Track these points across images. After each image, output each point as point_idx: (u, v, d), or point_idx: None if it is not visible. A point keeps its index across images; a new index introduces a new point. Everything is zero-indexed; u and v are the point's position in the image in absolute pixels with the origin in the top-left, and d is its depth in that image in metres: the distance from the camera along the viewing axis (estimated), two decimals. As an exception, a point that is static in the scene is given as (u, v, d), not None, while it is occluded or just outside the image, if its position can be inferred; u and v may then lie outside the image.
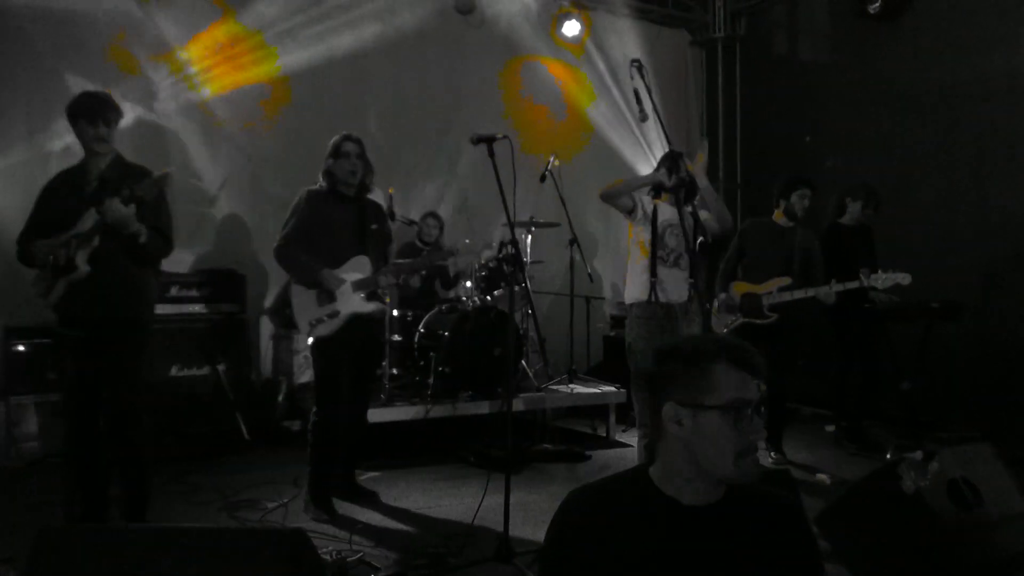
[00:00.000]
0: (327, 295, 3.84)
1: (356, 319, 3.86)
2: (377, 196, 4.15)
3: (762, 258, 4.90)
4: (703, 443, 1.46)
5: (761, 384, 1.47)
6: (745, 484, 1.50)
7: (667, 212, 4.05)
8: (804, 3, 7.19)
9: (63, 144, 4.80)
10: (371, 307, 3.94)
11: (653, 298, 4.02)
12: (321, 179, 3.96)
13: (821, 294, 4.62)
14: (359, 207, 4.00)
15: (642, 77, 3.55)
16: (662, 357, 1.54)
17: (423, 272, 4.50)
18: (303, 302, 3.88)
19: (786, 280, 4.73)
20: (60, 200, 3.33)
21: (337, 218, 3.92)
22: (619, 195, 4.12)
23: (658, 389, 1.53)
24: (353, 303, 3.86)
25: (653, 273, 4.03)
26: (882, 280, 4.46)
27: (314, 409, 3.87)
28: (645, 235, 4.11)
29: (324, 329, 3.82)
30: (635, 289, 4.14)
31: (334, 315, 3.83)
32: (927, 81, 5.92)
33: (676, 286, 4.05)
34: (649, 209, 4.11)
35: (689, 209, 3.99)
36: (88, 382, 3.28)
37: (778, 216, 4.96)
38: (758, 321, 4.71)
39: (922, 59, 5.98)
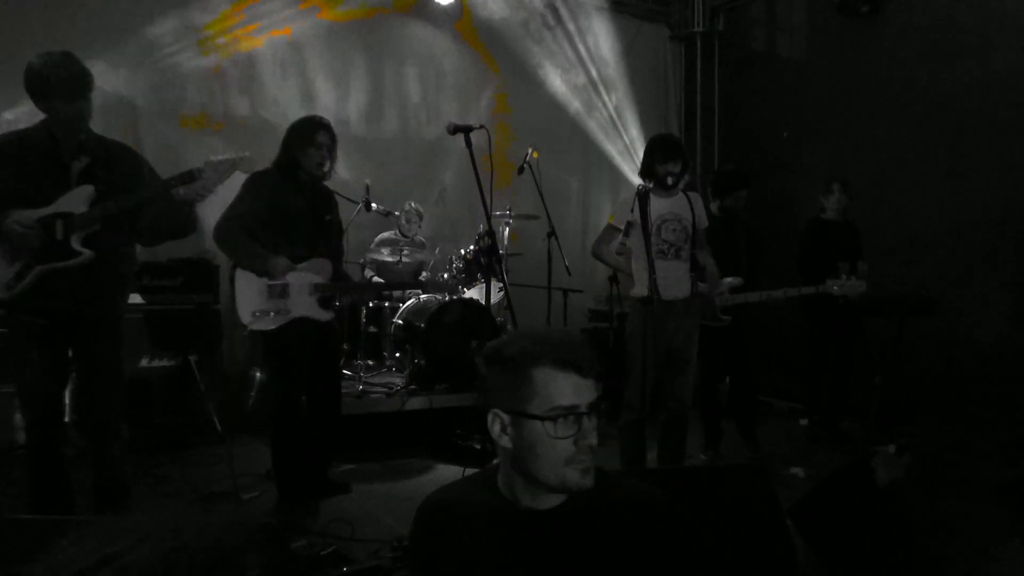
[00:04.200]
0: (279, 290, 3.62)
1: (306, 322, 3.69)
2: (356, 187, 4.06)
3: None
4: (527, 452, 1.37)
5: (597, 384, 1.38)
6: (583, 491, 1.38)
7: (661, 206, 3.98)
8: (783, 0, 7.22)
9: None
10: (325, 316, 3.75)
11: (652, 294, 3.81)
12: (278, 161, 3.73)
13: (778, 295, 4.44)
14: (313, 194, 3.80)
15: None
16: (487, 360, 1.42)
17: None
18: (250, 290, 3.62)
19: (738, 280, 4.52)
20: (22, 170, 2.88)
21: (293, 205, 3.69)
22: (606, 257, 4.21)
23: (483, 394, 1.43)
24: (306, 306, 3.68)
25: (652, 270, 3.81)
26: (838, 287, 4.30)
27: (272, 405, 3.77)
28: (638, 239, 3.93)
29: (267, 323, 3.62)
30: (637, 284, 4.03)
31: (282, 312, 3.63)
32: (903, 78, 5.97)
33: (677, 280, 3.99)
34: (637, 214, 3.87)
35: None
36: (57, 374, 3.03)
37: (718, 211, 4.81)
38: (713, 324, 4.44)
39: (899, 57, 6.03)
